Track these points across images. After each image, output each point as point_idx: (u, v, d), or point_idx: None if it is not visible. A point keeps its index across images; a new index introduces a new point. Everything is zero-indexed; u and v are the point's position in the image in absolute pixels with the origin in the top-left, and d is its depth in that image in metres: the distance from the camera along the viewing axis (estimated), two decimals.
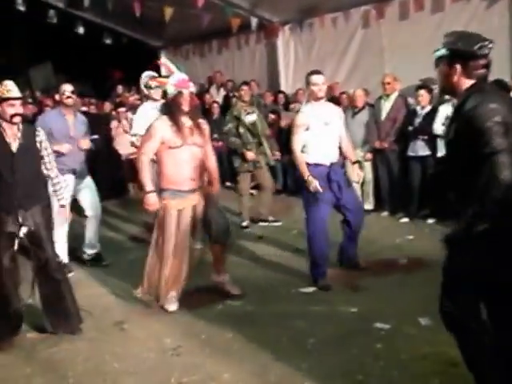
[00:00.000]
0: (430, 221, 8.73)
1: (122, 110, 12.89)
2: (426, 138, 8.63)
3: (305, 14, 11.96)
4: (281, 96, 12.24)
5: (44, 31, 15.57)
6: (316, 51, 12.03)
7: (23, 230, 5.27)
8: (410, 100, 9.35)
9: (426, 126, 8.61)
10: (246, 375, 4.50)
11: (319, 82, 6.37)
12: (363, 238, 7.22)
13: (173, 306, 5.92)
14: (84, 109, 13.05)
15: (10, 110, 5.22)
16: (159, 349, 5.09)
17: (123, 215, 10.81)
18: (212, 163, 6.23)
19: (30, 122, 11.64)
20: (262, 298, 6.16)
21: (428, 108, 8.78)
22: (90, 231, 7.65)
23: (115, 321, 5.77)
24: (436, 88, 9.02)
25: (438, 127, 8.37)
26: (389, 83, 9.24)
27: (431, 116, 8.59)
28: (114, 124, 12.54)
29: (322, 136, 6.38)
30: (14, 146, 5.27)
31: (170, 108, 5.81)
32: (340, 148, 6.68)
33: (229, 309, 5.94)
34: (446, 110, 8.32)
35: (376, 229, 8.55)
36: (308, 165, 6.33)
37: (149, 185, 5.82)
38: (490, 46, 3.47)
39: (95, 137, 7.61)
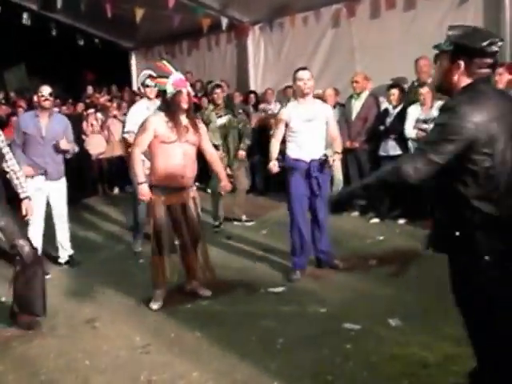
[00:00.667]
0: (401, 221, 8.71)
1: (90, 111, 12.87)
2: (397, 137, 8.60)
3: (275, 14, 11.94)
4: (251, 96, 12.20)
5: (18, 33, 15.47)
6: (286, 51, 12.02)
7: None
8: (382, 99, 9.30)
9: (397, 125, 8.58)
10: (215, 374, 4.48)
11: (304, 77, 6.39)
12: (333, 239, 7.20)
13: (155, 305, 5.99)
14: (56, 109, 12.98)
15: None
16: (129, 347, 5.10)
17: (94, 214, 10.76)
18: (213, 157, 6.35)
19: (2, 122, 11.64)
20: (232, 297, 6.14)
21: (400, 107, 8.75)
22: (61, 235, 7.59)
23: (87, 319, 5.79)
24: (407, 87, 9.05)
25: (410, 131, 8.35)
26: (357, 82, 9.23)
27: (402, 115, 8.57)
28: (84, 125, 12.50)
29: (303, 133, 6.46)
30: None
31: (169, 106, 5.86)
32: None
33: (198, 308, 5.92)
34: (414, 112, 8.32)
35: (346, 229, 8.49)
36: (290, 159, 6.52)
37: (141, 176, 5.88)
38: (500, 43, 3.24)
39: None
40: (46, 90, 7.21)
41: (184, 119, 5.90)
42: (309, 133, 6.47)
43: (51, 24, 14.32)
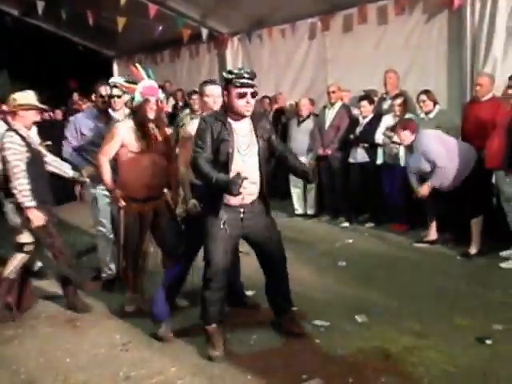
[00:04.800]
0: (369, 225, 8.96)
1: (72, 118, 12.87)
2: (366, 145, 8.81)
3: (253, 26, 11.99)
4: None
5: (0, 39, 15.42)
6: (263, 61, 12.06)
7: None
8: (354, 110, 9.49)
9: (366, 134, 8.77)
10: (193, 369, 4.60)
11: (215, 94, 5.49)
12: (305, 242, 7.38)
13: (129, 308, 5.94)
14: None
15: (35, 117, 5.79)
16: (109, 344, 5.17)
17: (71, 219, 10.60)
18: (172, 168, 5.77)
19: None
20: None
21: (369, 117, 8.93)
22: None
23: (68, 319, 5.82)
24: (377, 99, 9.26)
25: (378, 137, 8.58)
26: (334, 92, 9.36)
27: (372, 125, 8.76)
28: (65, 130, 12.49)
29: None
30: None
31: (136, 115, 5.59)
32: None
33: (175, 308, 5.82)
34: (387, 121, 8.55)
35: (317, 233, 8.82)
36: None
37: (110, 183, 5.67)
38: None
39: (48, 143, 7.52)
40: (104, 90, 6.72)
41: (152, 128, 5.63)
42: None
43: (34, 30, 14.30)
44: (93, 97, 6.93)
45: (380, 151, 8.64)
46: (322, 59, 10.85)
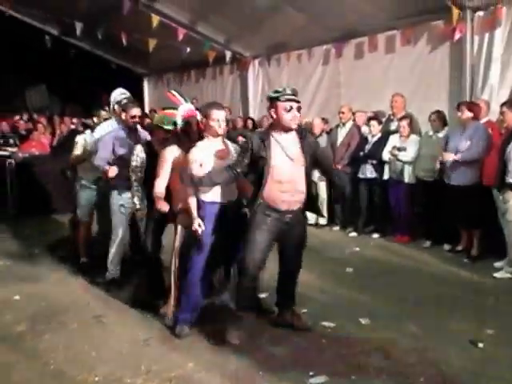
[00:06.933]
0: (375, 235, 8.99)
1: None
2: (374, 162, 8.81)
3: (273, 50, 12.14)
4: (250, 121, 12.36)
5: (40, 56, 15.49)
6: (281, 83, 12.09)
7: None
8: (364, 129, 9.51)
9: (374, 152, 8.80)
10: (209, 365, 4.57)
11: (219, 118, 5.08)
12: (317, 249, 7.46)
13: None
14: (73, 127, 13.12)
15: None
16: (132, 340, 5.13)
17: None
18: None
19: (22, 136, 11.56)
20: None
21: (377, 136, 8.95)
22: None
23: (95, 315, 5.77)
24: (384, 120, 9.29)
25: (385, 154, 8.59)
26: (343, 113, 9.45)
27: (379, 143, 8.78)
28: None
29: None
30: None
31: (180, 138, 5.41)
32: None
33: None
34: (393, 140, 8.58)
35: (328, 241, 8.85)
36: (203, 202, 5.07)
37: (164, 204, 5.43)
38: None
39: None
40: (136, 111, 6.76)
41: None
42: None
43: (71, 49, 14.37)
44: (123, 116, 6.85)
45: (387, 168, 8.67)
46: (336, 82, 10.98)
